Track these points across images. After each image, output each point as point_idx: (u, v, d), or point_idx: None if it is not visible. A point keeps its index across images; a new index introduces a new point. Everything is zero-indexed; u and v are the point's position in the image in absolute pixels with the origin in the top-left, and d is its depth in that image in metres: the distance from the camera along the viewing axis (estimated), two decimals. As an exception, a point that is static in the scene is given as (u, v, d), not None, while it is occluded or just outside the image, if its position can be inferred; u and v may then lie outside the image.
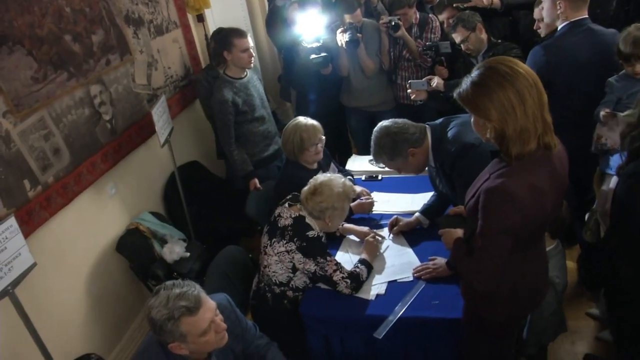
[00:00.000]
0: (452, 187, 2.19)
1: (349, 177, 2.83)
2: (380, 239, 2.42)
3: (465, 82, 1.50)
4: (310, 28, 3.45)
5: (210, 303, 1.60)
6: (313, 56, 3.44)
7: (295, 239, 2.16)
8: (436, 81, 3.17)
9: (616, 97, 2.40)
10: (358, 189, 2.75)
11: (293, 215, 2.22)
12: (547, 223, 1.64)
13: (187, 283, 1.59)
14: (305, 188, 2.24)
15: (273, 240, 2.21)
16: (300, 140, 2.59)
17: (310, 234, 2.17)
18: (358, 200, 2.68)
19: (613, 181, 2.43)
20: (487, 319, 1.73)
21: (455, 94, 1.55)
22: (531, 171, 1.46)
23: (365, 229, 2.49)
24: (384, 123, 2.20)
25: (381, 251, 2.38)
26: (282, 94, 4.26)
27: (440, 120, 2.23)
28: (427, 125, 2.21)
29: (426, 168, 2.30)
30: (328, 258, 2.16)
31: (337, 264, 2.17)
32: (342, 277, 2.13)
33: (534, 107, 1.42)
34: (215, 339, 1.61)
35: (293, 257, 2.17)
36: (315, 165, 2.73)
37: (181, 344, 1.56)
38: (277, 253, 2.19)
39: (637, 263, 1.89)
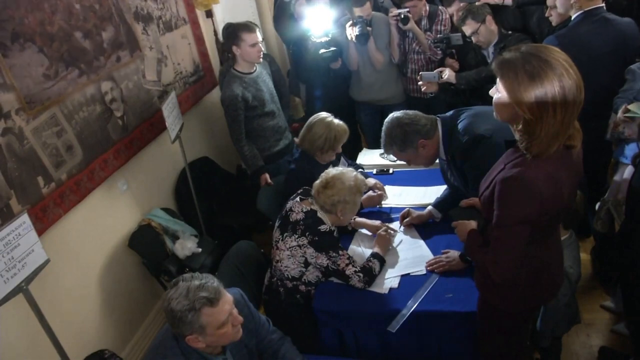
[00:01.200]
0: (463, 180, 2.17)
1: (360, 170, 2.82)
2: (392, 232, 2.41)
3: (516, 54, 1.38)
4: (319, 22, 3.43)
5: (228, 295, 1.61)
6: (322, 51, 3.43)
7: (307, 234, 2.16)
8: (447, 73, 3.15)
9: (638, 85, 2.35)
10: (371, 181, 2.74)
11: (304, 210, 2.21)
12: (564, 213, 1.62)
13: (205, 275, 1.60)
14: (317, 182, 2.23)
15: (285, 235, 2.21)
16: (334, 140, 2.61)
17: (322, 228, 2.16)
18: (368, 193, 2.67)
19: (628, 171, 2.39)
20: (502, 310, 1.71)
21: (497, 61, 1.41)
22: (548, 160, 1.42)
23: (377, 222, 2.48)
24: (395, 114, 2.19)
25: (394, 245, 2.37)
26: (291, 89, 4.25)
27: (450, 112, 2.21)
28: (437, 117, 2.19)
29: (437, 161, 2.28)
30: (340, 252, 2.16)
31: (350, 258, 2.17)
32: (355, 271, 2.13)
33: (572, 116, 1.37)
34: (232, 332, 1.61)
35: (305, 252, 2.16)
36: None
37: (199, 336, 1.56)
38: (289, 248, 2.18)
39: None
